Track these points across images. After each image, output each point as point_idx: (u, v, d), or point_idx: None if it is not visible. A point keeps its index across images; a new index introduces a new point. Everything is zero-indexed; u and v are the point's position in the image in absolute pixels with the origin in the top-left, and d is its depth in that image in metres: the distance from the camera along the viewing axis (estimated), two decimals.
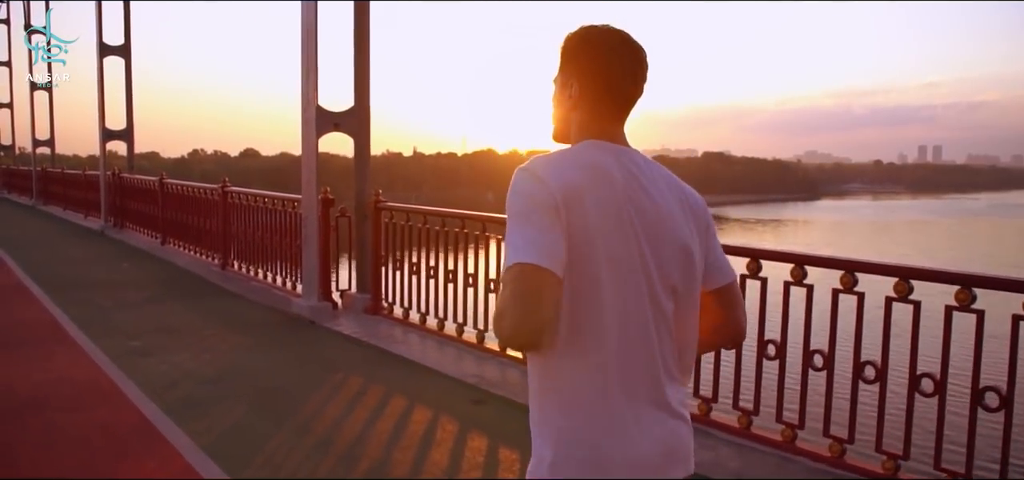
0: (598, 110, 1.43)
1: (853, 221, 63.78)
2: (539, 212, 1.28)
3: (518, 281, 1.23)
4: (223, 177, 9.05)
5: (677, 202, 1.42)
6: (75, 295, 7.36)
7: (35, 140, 19.82)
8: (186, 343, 5.65)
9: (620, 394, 1.34)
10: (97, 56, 13.04)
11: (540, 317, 1.22)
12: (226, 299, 7.52)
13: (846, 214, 77.58)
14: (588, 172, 1.34)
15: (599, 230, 1.31)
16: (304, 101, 6.53)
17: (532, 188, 1.30)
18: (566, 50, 1.46)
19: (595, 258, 1.30)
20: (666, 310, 1.37)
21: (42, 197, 19.07)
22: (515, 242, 1.27)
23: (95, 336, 5.70)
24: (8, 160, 24.85)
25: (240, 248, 8.53)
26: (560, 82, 1.47)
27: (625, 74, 1.43)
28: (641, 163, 1.42)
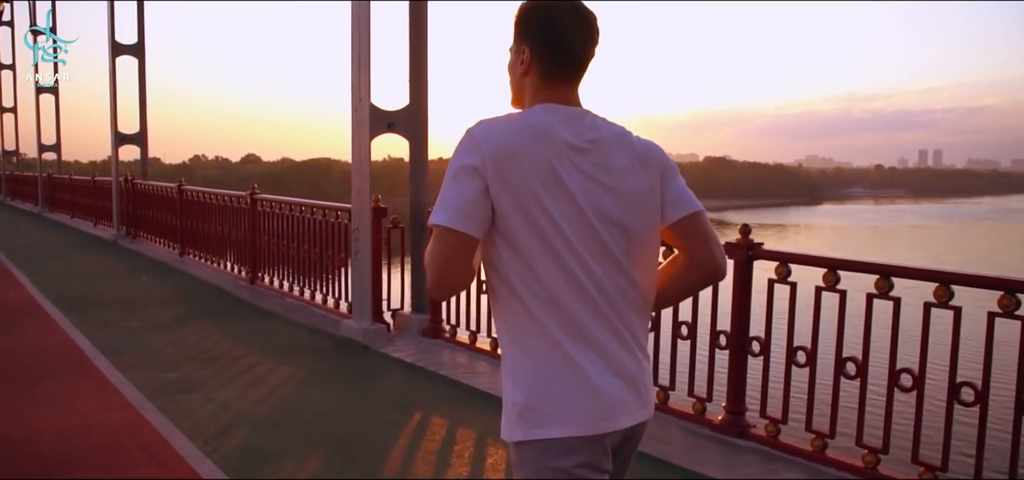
0: (549, 74, 1.48)
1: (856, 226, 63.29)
2: (465, 173, 1.38)
3: (435, 242, 1.38)
4: (252, 184, 8.34)
5: (626, 155, 1.48)
6: (95, 315, 6.64)
7: (41, 145, 19.12)
8: (229, 375, 4.94)
9: (574, 341, 1.42)
10: (109, 56, 12.33)
11: (452, 276, 1.39)
12: (262, 319, 6.80)
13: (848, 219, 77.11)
14: (528, 133, 1.41)
15: (537, 188, 1.38)
16: (355, 99, 5.83)
17: (466, 149, 1.39)
18: (519, 19, 1.51)
19: (536, 214, 1.38)
20: (618, 257, 1.45)
21: (48, 204, 18.36)
22: (438, 202, 1.39)
23: (125, 366, 4.99)
24: (11, 166, 24.15)
25: (272, 261, 7.83)
26: (514, 50, 1.53)
27: (574, 39, 1.47)
28: (589, 123, 1.47)
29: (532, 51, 1.49)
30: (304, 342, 5.94)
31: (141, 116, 12.73)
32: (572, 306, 1.42)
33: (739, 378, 4.05)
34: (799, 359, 3.77)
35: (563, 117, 1.45)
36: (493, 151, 1.38)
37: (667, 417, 4.28)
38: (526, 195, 1.39)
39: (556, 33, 1.47)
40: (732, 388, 4.07)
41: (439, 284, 1.40)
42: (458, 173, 1.39)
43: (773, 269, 3.84)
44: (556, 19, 1.47)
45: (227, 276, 8.63)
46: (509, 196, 1.38)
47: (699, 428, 4.15)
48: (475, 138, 1.40)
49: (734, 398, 4.05)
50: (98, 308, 6.98)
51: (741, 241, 3.99)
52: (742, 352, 4.02)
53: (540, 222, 1.39)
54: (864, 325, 3.52)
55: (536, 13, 1.49)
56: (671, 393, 4.33)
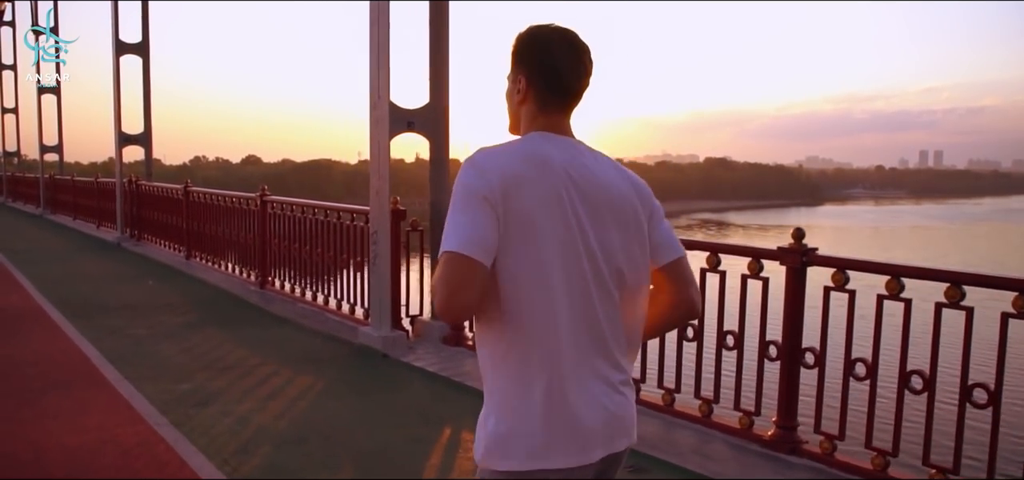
0: (544, 103, 1.52)
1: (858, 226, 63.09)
2: (474, 203, 1.37)
3: (445, 267, 1.36)
4: (261, 185, 8.10)
5: (620, 189, 1.51)
6: (102, 322, 6.39)
7: (42, 146, 18.86)
8: (246, 386, 4.69)
9: (563, 372, 1.43)
10: (113, 55, 12.08)
11: (461, 300, 1.36)
12: (274, 325, 6.56)
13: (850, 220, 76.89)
14: (530, 162, 1.43)
15: (540, 217, 1.40)
16: (373, 96, 5.58)
17: (471, 179, 1.39)
18: (515, 49, 1.55)
19: (537, 243, 1.40)
20: (611, 290, 1.47)
21: (50, 206, 18.12)
22: (448, 230, 1.38)
23: (135, 377, 4.74)
24: (11, 167, 23.90)
25: (282, 265, 7.60)
26: (511, 78, 1.57)
27: (569, 69, 1.51)
28: (586, 152, 1.51)
29: (528, 80, 1.52)
30: (320, 350, 5.70)
31: (145, 116, 12.48)
32: (564, 337, 1.44)
33: (791, 391, 3.82)
34: (858, 372, 3.54)
35: (559, 147, 1.49)
36: (501, 180, 1.39)
37: (712, 432, 4.06)
38: (529, 224, 1.40)
39: (552, 63, 1.51)
40: (783, 401, 3.84)
41: (449, 308, 1.37)
42: (469, 201, 1.39)
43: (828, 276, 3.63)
44: (552, 50, 1.52)
45: (235, 280, 8.39)
46: (516, 224, 1.39)
47: (747, 444, 3.91)
48: (481, 167, 1.41)
49: (785, 412, 3.82)
50: (104, 313, 6.74)
51: (794, 246, 3.75)
52: (794, 364, 3.79)
53: (539, 251, 1.41)
54: (932, 335, 3.30)
55: (533, 43, 1.54)
56: (714, 406, 4.10)
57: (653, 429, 4.12)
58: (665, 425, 4.17)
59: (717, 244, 4.09)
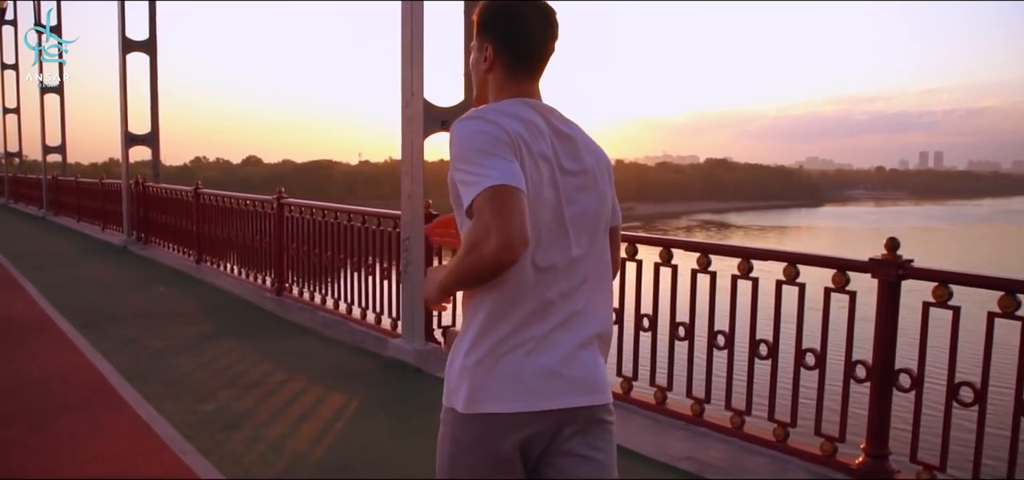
0: (512, 69, 1.53)
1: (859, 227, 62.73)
2: (501, 146, 1.39)
3: (497, 200, 1.32)
4: (278, 187, 7.75)
5: (590, 153, 1.56)
6: (114, 332, 6.04)
7: (45, 146, 18.50)
8: (274, 406, 4.34)
9: (544, 328, 1.47)
10: (119, 52, 11.73)
11: (523, 232, 1.32)
12: (295, 335, 6.21)
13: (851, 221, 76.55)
14: (524, 123, 1.46)
15: (536, 177, 1.44)
16: (405, 95, 5.23)
17: (489, 128, 1.41)
18: (480, 17, 1.56)
19: (533, 203, 1.41)
20: (586, 248, 1.53)
21: (53, 207, 17.76)
22: (483, 170, 1.35)
23: (154, 396, 4.39)
24: (12, 168, 23.54)
25: (301, 271, 7.24)
26: (476, 47, 1.57)
27: (535, 34, 1.52)
28: (559, 119, 1.54)
29: (495, 48, 1.53)
30: (347, 363, 5.34)
31: (153, 116, 12.13)
32: (548, 291, 1.47)
33: (882, 416, 3.46)
34: (964, 396, 3.19)
35: (539, 112, 1.51)
36: (514, 132, 1.42)
37: (790, 459, 3.71)
38: (532, 180, 1.42)
39: (518, 29, 1.51)
40: (873, 427, 3.48)
41: (510, 243, 1.31)
42: (495, 144, 1.39)
43: None
44: (517, 15, 1.52)
45: (250, 286, 8.04)
46: None
47: (831, 473, 3.56)
48: (491, 119, 1.42)
49: (876, 439, 3.46)
50: (116, 323, 6.38)
51: (888, 257, 3.39)
52: (887, 386, 3.43)
53: (536, 208, 1.43)
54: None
55: (498, 10, 1.53)
56: (791, 430, 3.75)
57: (721, 453, 3.79)
58: (735, 450, 3.82)
59: (796, 254, 3.74)
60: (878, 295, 3.44)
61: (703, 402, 4.07)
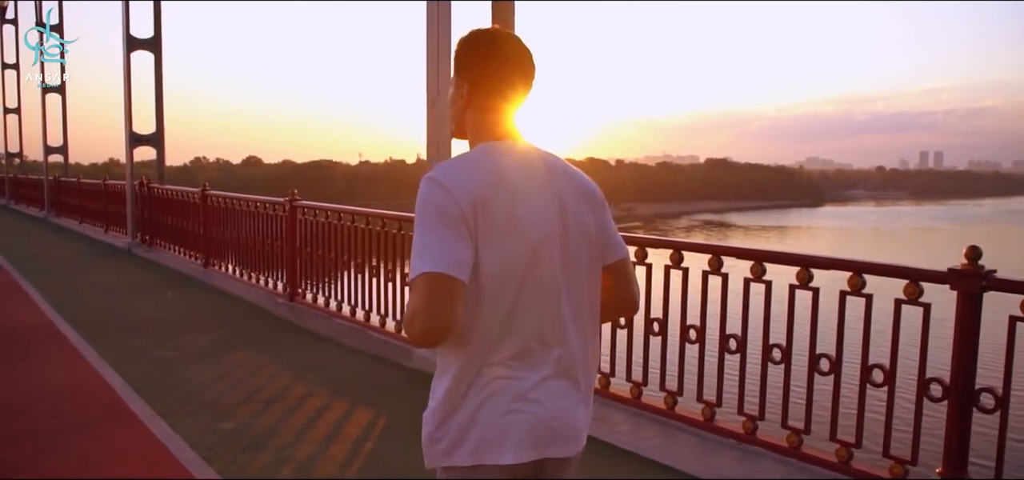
0: (488, 108, 1.52)
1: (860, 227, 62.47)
2: (445, 221, 1.38)
3: (426, 288, 1.35)
4: (291, 189, 7.49)
5: (573, 190, 1.53)
6: (123, 341, 5.78)
7: (47, 147, 18.23)
8: (297, 424, 4.08)
9: (521, 372, 1.45)
10: (124, 51, 11.46)
11: (447, 320, 1.35)
12: (311, 344, 5.95)
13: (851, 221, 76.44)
14: (491, 178, 1.43)
15: (502, 233, 1.42)
16: (431, 92, 4.98)
17: (438, 197, 1.40)
18: (457, 55, 1.55)
19: (498, 252, 1.41)
20: (564, 297, 1.49)
21: (54, 209, 17.50)
22: (423, 251, 1.37)
23: (169, 412, 4.14)
24: (13, 169, 23.28)
25: (314, 276, 6.98)
26: (454, 84, 1.56)
27: (511, 73, 1.52)
28: (536, 159, 1.52)
29: (471, 86, 1.52)
30: (370, 374, 5.09)
31: (158, 116, 11.86)
32: (512, 343, 1.45)
33: (961, 436, 3.20)
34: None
35: (513, 156, 1.49)
36: (469, 197, 1.40)
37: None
38: (492, 235, 1.41)
39: (494, 69, 1.51)
40: (950, 448, 3.23)
41: (431, 332, 1.36)
42: (439, 220, 1.39)
43: None
44: (494, 55, 1.52)
45: (261, 291, 7.78)
46: (480, 241, 1.40)
47: None
48: (447, 188, 1.40)
49: (954, 462, 3.21)
50: (124, 332, 6.12)
51: (969, 267, 3.13)
52: (966, 405, 3.17)
53: (502, 260, 1.42)
54: None
55: (474, 48, 1.53)
56: (855, 451, 3.50)
57: (778, 475, 3.55)
58: (793, 471, 3.58)
59: (863, 263, 3.47)
60: (957, 308, 3.18)
61: (756, 419, 3.83)
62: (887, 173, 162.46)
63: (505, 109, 1.52)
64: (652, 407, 4.22)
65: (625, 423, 4.12)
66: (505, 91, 1.51)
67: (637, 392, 4.30)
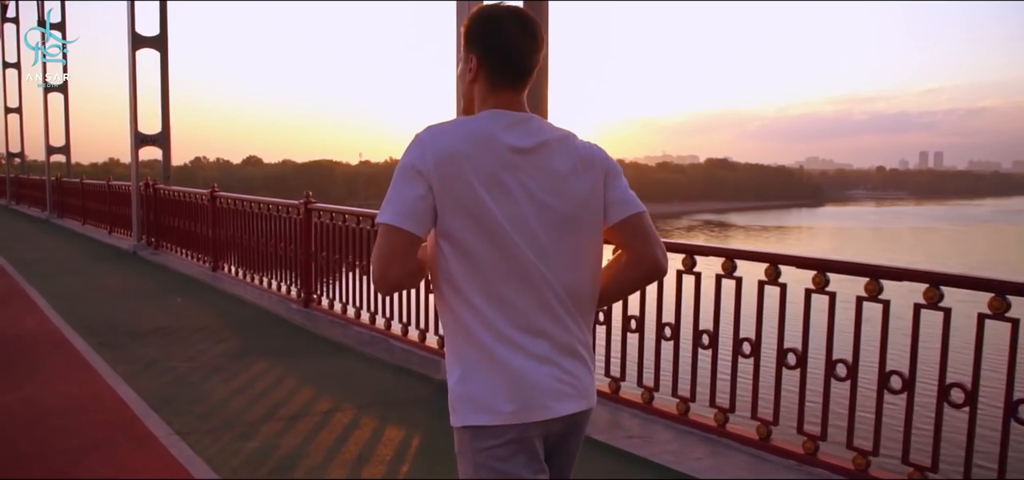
0: (495, 82, 1.54)
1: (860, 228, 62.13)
2: (410, 176, 1.45)
3: (381, 240, 1.45)
4: (306, 191, 7.23)
5: (568, 160, 1.53)
6: (133, 351, 5.53)
7: (49, 147, 17.97)
8: (326, 443, 3.82)
9: (516, 335, 1.49)
10: (129, 49, 11.21)
11: (393, 270, 1.44)
12: (332, 354, 5.70)
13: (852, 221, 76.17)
14: (471, 139, 1.47)
15: (481, 190, 1.44)
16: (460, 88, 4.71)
17: (412, 154, 1.47)
18: (466, 29, 1.58)
19: (479, 216, 1.45)
20: (555, 260, 1.51)
21: (57, 209, 17.25)
22: (385, 203, 1.46)
23: (187, 430, 3.88)
24: (14, 169, 23.01)
25: (331, 281, 6.73)
26: (462, 58, 1.59)
27: (519, 47, 1.53)
28: (534, 127, 1.53)
29: (479, 60, 1.55)
30: (396, 388, 4.83)
31: (164, 115, 11.63)
32: (515, 303, 1.48)
33: None
34: None
35: (507, 122, 1.51)
36: (437, 155, 1.44)
37: None
38: (469, 198, 1.44)
39: (502, 42, 1.53)
40: None
41: (384, 279, 1.45)
42: (403, 174, 1.45)
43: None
44: (501, 29, 1.54)
45: (273, 296, 7.53)
46: (451, 198, 1.44)
47: None
48: (422, 142, 1.47)
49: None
50: (134, 340, 5.87)
51: None
52: None
53: (484, 224, 1.45)
54: None
55: (483, 23, 1.56)
56: (931, 476, 3.25)
57: None
58: None
59: (939, 274, 3.23)
60: None
61: (817, 439, 3.58)
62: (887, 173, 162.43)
63: (512, 81, 1.54)
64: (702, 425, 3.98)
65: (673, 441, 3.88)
66: (512, 64, 1.53)
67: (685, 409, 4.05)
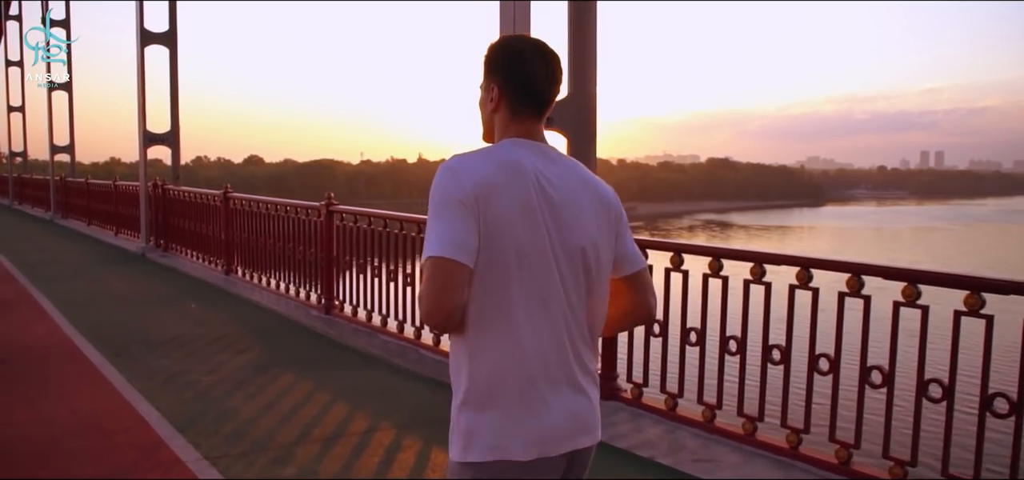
0: (516, 111, 1.56)
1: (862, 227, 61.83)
2: (452, 207, 1.44)
3: (432, 272, 1.42)
4: (327, 192, 6.92)
5: (588, 197, 1.56)
6: (150, 362, 5.22)
7: (52, 146, 17.65)
8: (368, 468, 3.52)
9: (530, 371, 1.48)
10: (137, 45, 10.91)
11: (449, 304, 1.42)
12: (360, 365, 5.39)
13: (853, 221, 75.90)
14: (504, 168, 1.48)
15: (511, 222, 1.45)
16: None
17: (448, 184, 1.46)
18: (488, 59, 1.61)
19: (507, 247, 1.45)
20: (576, 293, 1.53)
21: (61, 210, 16.93)
22: (431, 236, 1.44)
23: (217, 455, 3.57)
24: (16, 168, 22.69)
25: (354, 287, 6.42)
26: (484, 87, 1.61)
27: (540, 78, 1.56)
28: (556, 160, 1.56)
29: (501, 89, 1.56)
30: (435, 403, 4.52)
31: (173, 114, 11.31)
32: (530, 336, 1.48)
33: None
34: None
35: (531, 152, 1.52)
36: (477, 186, 1.44)
37: None
38: (504, 228, 1.45)
39: (523, 72, 1.55)
40: None
41: (437, 313, 1.42)
42: (445, 205, 1.44)
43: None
44: (523, 59, 1.56)
45: (292, 302, 7.22)
46: (488, 229, 1.44)
47: None
48: (457, 174, 1.45)
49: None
50: (150, 351, 5.55)
51: None
52: None
53: (507, 254, 1.45)
54: None
55: (505, 54, 1.58)
56: None
57: None
58: None
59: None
60: None
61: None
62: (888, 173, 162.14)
63: (532, 112, 1.56)
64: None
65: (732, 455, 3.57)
66: (533, 93, 1.55)
67: (744, 427, 3.75)
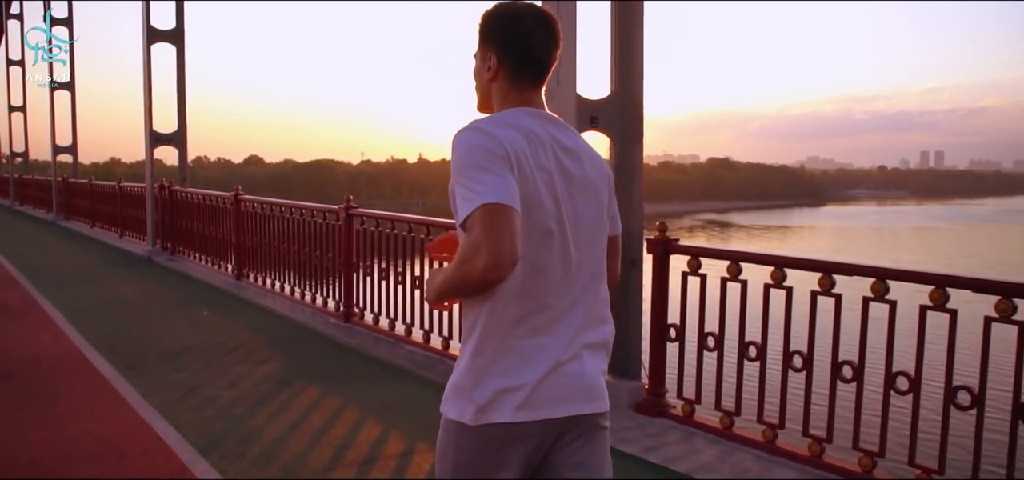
0: (516, 79, 1.54)
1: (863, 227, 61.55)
2: (497, 161, 1.40)
3: (489, 219, 1.33)
4: (346, 195, 6.64)
5: (593, 166, 1.57)
6: (166, 376, 4.93)
7: (54, 146, 17.36)
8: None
9: (545, 332, 1.48)
10: (144, 43, 10.62)
11: (513, 250, 1.33)
12: (389, 378, 5.11)
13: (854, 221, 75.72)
14: (527, 136, 1.46)
15: (536, 186, 1.44)
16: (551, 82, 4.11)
17: (485, 142, 1.42)
18: (483, 26, 1.57)
19: (533, 210, 1.44)
20: (588, 258, 1.54)
21: (63, 211, 16.64)
22: (477, 188, 1.36)
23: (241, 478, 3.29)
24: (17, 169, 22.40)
25: (375, 294, 6.14)
26: (479, 56, 1.59)
27: (538, 44, 1.53)
28: (563, 127, 1.56)
29: (499, 57, 1.54)
30: None
31: (180, 113, 11.02)
32: (553, 300, 1.48)
33: None
34: None
35: (541, 121, 1.51)
36: (512, 147, 1.42)
37: None
38: (532, 192, 1.43)
39: (521, 39, 1.52)
40: None
41: (498, 261, 1.32)
42: (493, 161, 1.39)
43: None
44: (521, 26, 1.53)
45: (308, 309, 6.94)
46: (520, 191, 1.41)
47: None
48: (492, 135, 1.42)
49: None
50: (164, 363, 5.26)
51: None
52: None
53: (538, 216, 1.44)
54: None
55: (501, 20, 1.55)
56: None
57: None
58: None
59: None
60: None
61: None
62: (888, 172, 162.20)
63: (532, 79, 1.54)
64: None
65: None
66: (532, 61, 1.52)
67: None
